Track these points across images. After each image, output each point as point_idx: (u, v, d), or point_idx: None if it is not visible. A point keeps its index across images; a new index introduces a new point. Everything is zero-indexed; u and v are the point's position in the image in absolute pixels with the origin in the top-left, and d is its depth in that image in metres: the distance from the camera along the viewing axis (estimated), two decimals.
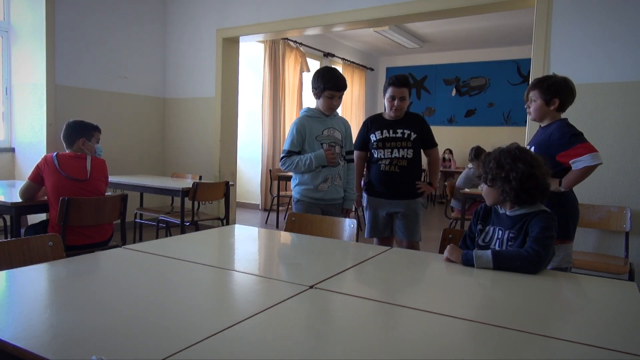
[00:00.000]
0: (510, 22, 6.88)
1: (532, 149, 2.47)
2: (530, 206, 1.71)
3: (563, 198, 2.41)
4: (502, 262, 1.57)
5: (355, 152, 3.08)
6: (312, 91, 2.82)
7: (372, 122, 3.09)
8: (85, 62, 4.84)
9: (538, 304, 1.33)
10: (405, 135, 2.98)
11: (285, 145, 2.81)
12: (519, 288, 1.43)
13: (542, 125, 2.54)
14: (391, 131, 2.99)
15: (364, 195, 3.14)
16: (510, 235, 1.72)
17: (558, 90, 2.41)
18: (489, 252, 1.60)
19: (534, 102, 2.46)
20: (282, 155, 2.82)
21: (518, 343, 1.04)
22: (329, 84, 2.72)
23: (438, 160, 3.21)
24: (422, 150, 3.09)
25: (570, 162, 2.31)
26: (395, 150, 2.97)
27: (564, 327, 1.16)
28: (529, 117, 2.58)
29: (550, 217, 1.67)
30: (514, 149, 1.75)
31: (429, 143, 3.08)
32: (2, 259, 1.57)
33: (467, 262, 1.62)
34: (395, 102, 2.94)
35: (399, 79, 2.95)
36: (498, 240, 1.77)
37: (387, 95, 2.98)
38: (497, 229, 1.79)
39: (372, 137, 3.02)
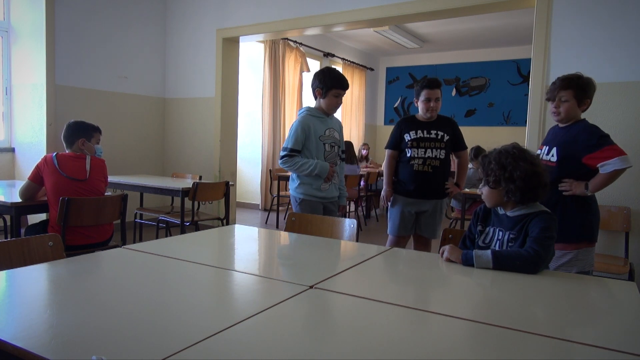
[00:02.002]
0: (510, 22, 6.88)
1: (555, 150, 2.41)
2: (531, 207, 1.71)
3: (590, 201, 2.38)
4: (501, 262, 1.57)
5: (388, 151, 3.19)
6: (316, 90, 2.81)
7: (406, 123, 3.17)
8: (85, 62, 4.84)
9: (538, 304, 1.33)
10: (439, 137, 3.08)
11: (287, 143, 2.76)
12: (519, 288, 1.43)
13: (561, 126, 2.47)
14: (425, 132, 3.08)
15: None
16: (511, 236, 1.72)
17: (591, 92, 2.38)
18: (488, 252, 1.60)
19: (565, 103, 2.37)
20: (284, 153, 2.77)
21: (518, 343, 1.04)
22: (338, 83, 2.75)
23: (467, 162, 3.31)
24: (451, 152, 3.20)
25: (598, 165, 2.26)
26: (429, 151, 3.06)
27: (563, 327, 1.16)
28: (554, 118, 2.46)
29: (550, 217, 1.67)
30: (512, 148, 1.74)
31: (460, 145, 3.19)
32: (2, 259, 1.57)
33: (467, 262, 1.62)
34: (431, 104, 3.05)
35: (432, 82, 3.06)
36: (498, 242, 1.76)
37: (422, 98, 3.07)
38: (497, 230, 1.79)
39: (407, 137, 3.09)
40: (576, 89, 2.36)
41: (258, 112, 7.14)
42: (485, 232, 1.83)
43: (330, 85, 2.74)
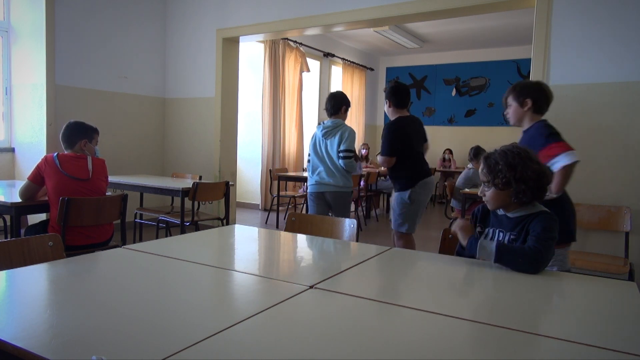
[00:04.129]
0: (510, 22, 6.88)
1: None
2: (531, 207, 1.70)
3: (562, 202, 2.38)
4: (504, 256, 1.56)
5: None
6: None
7: None
8: (85, 62, 4.84)
9: (538, 304, 1.33)
10: None
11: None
12: (519, 288, 1.43)
13: (523, 130, 2.53)
14: None
15: None
16: (511, 237, 1.70)
17: (529, 91, 2.45)
18: (493, 244, 1.59)
19: (509, 107, 2.51)
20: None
21: (518, 343, 1.04)
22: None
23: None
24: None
25: (548, 164, 2.27)
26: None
27: (564, 327, 1.16)
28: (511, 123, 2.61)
29: (551, 217, 1.66)
30: (515, 148, 1.72)
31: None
32: (2, 259, 1.57)
33: (470, 249, 1.61)
34: None
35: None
36: (498, 242, 1.76)
37: None
38: (497, 231, 1.78)
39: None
40: (514, 91, 2.49)
41: (258, 112, 7.14)
42: (484, 233, 1.81)
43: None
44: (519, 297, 1.38)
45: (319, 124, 3.66)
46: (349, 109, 3.68)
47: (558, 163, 2.23)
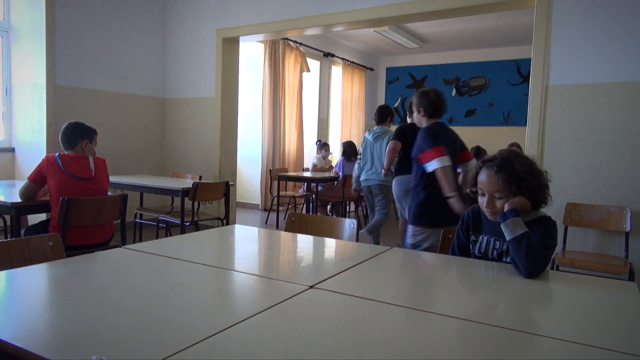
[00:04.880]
0: (510, 22, 6.88)
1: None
2: (531, 214, 1.63)
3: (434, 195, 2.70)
4: (522, 241, 1.50)
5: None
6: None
7: None
8: (85, 62, 4.84)
9: (537, 304, 1.33)
10: None
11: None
12: (519, 288, 1.43)
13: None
14: None
15: None
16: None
17: (418, 99, 2.85)
18: (522, 230, 1.53)
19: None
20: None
21: (518, 343, 1.04)
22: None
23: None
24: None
25: (424, 165, 2.64)
26: None
27: (563, 327, 1.16)
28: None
29: (552, 224, 1.61)
30: (522, 154, 1.66)
31: None
32: (2, 259, 1.57)
33: (505, 215, 1.55)
34: None
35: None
36: (496, 251, 1.68)
37: None
38: (492, 239, 1.70)
39: None
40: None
41: (258, 112, 7.14)
42: (478, 241, 1.74)
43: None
44: (519, 297, 1.38)
45: (368, 130, 4.66)
46: (391, 118, 4.67)
47: (430, 166, 2.59)
